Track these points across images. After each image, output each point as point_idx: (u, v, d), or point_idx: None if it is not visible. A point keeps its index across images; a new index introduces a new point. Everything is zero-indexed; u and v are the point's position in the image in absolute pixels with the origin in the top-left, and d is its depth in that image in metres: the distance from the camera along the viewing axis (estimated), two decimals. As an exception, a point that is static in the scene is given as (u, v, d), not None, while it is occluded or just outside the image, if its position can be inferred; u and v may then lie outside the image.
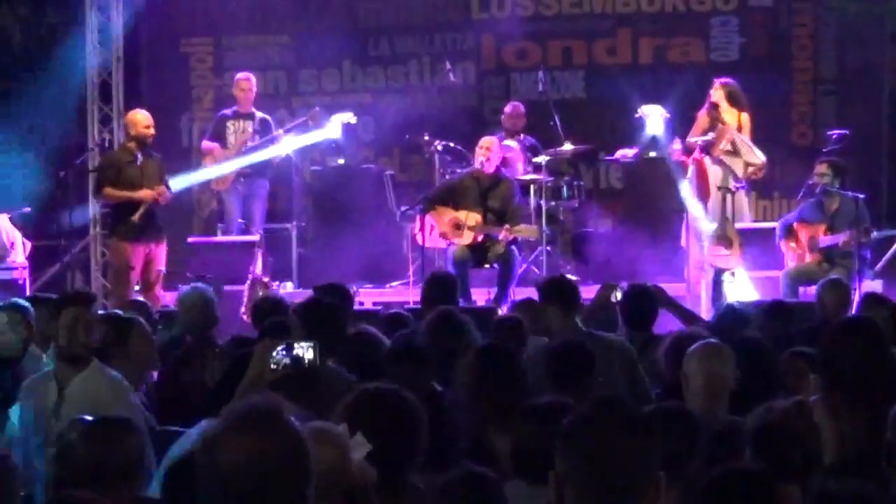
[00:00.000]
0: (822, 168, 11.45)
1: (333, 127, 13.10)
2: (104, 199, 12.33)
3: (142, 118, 11.91)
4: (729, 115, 12.37)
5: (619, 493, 2.96)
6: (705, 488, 3.30)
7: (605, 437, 2.98)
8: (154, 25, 14.85)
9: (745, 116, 12.41)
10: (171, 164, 12.48)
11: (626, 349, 7.07)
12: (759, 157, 12.19)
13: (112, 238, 12.19)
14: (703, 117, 12.47)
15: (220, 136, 12.98)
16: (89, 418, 4.72)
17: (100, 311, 6.90)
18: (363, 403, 4.22)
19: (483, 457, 4.78)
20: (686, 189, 12.18)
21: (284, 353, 5.13)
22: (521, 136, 13.10)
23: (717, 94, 12.35)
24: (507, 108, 13.30)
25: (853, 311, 8.66)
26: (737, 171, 12.24)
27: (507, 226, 11.32)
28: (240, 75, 13.31)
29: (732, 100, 12.34)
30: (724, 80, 12.48)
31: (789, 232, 11.51)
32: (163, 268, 11.76)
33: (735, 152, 12.25)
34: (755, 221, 12.79)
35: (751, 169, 12.20)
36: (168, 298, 11.56)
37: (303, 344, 5.15)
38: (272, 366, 5.13)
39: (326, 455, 3.69)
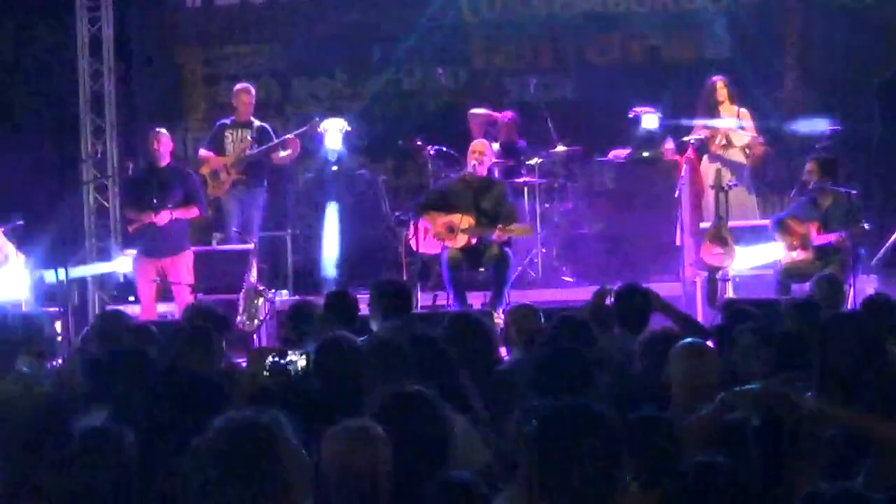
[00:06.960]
0: (809, 166, 11.46)
1: (334, 137, 13.12)
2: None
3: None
4: (728, 111, 12.45)
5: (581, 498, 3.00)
6: (677, 483, 3.32)
7: (565, 442, 3.02)
8: (145, 36, 14.86)
9: (745, 111, 12.51)
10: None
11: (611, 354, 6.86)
12: (747, 134, 12.31)
13: None
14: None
15: (217, 145, 12.96)
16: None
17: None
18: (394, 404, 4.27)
19: None
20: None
21: (277, 359, 5.18)
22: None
23: (722, 92, 12.44)
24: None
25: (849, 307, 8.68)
26: (739, 160, 12.34)
27: (500, 225, 11.28)
28: (239, 86, 13.23)
29: (731, 96, 12.47)
30: (721, 77, 12.57)
31: (782, 226, 11.45)
32: (177, 280, 11.69)
33: (730, 144, 12.36)
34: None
35: (748, 150, 12.32)
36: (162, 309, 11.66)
37: (295, 352, 5.20)
38: (265, 371, 5.19)
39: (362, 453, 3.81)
